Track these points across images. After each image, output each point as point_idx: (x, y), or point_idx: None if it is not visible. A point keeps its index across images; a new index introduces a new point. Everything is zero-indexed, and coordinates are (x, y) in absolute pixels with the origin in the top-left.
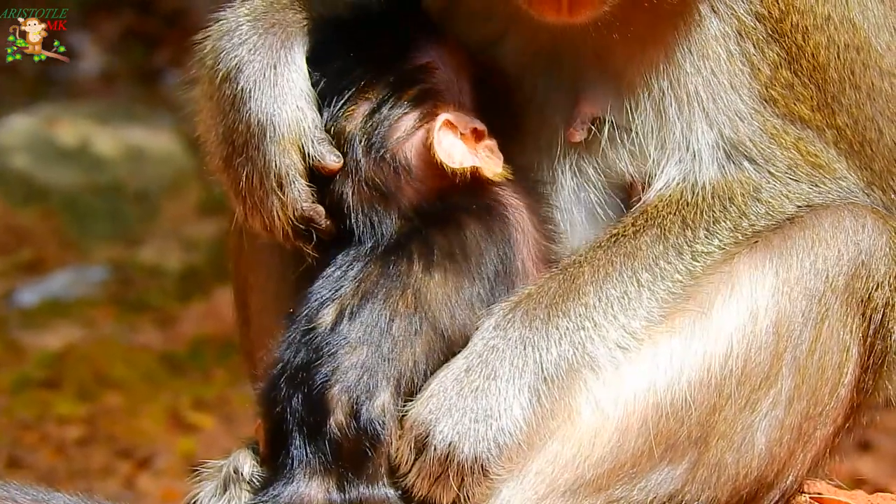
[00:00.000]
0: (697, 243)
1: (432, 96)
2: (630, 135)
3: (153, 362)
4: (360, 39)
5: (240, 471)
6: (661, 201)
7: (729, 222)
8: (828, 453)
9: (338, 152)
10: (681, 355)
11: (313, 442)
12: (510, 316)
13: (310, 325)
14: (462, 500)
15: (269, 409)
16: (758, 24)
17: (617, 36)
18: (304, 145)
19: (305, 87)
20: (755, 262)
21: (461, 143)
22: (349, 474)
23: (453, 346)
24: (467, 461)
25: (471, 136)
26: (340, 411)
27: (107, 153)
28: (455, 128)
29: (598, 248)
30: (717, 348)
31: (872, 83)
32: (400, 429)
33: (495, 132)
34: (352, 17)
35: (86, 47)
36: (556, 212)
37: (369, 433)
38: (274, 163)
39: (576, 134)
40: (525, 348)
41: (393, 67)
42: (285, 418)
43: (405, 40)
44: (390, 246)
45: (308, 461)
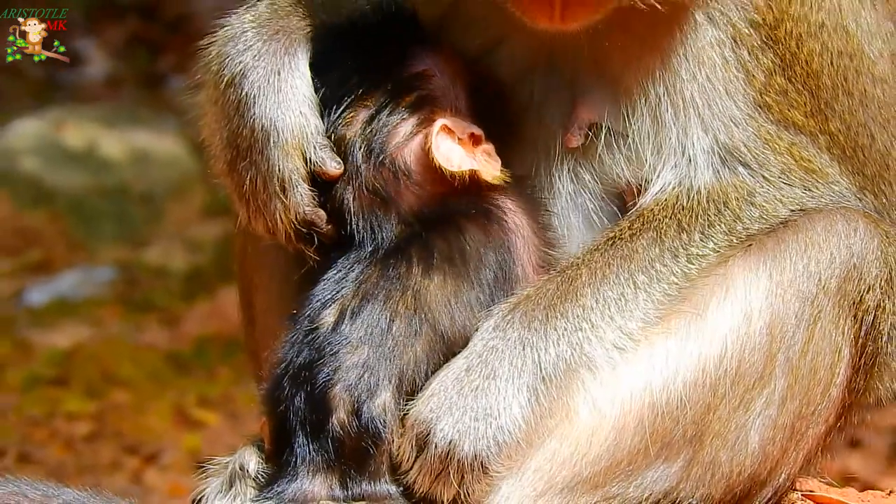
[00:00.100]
0: (693, 246)
1: (429, 102)
2: (627, 140)
3: (159, 361)
4: (359, 49)
5: (245, 467)
6: (657, 205)
7: (723, 226)
8: (820, 452)
9: (338, 158)
10: (676, 356)
11: (316, 440)
12: (509, 317)
13: (312, 326)
14: (462, 496)
15: (272, 408)
16: (752, 32)
17: (613, 43)
18: (306, 150)
19: (308, 93)
20: (749, 265)
21: (459, 147)
22: (352, 471)
23: (453, 346)
24: (467, 458)
25: (468, 140)
26: (342, 410)
27: (113, 156)
28: (452, 132)
29: (596, 250)
30: (711, 349)
31: (865, 90)
32: (401, 427)
33: (492, 138)
34: (351, 27)
35: (92, 53)
36: (554, 217)
37: (371, 431)
38: (277, 167)
39: (573, 140)
40: (524, 349)
41: (391, 75)
42: (289, 417)
43: (402, 49)
44: (390, 249)
45: (311, 458)
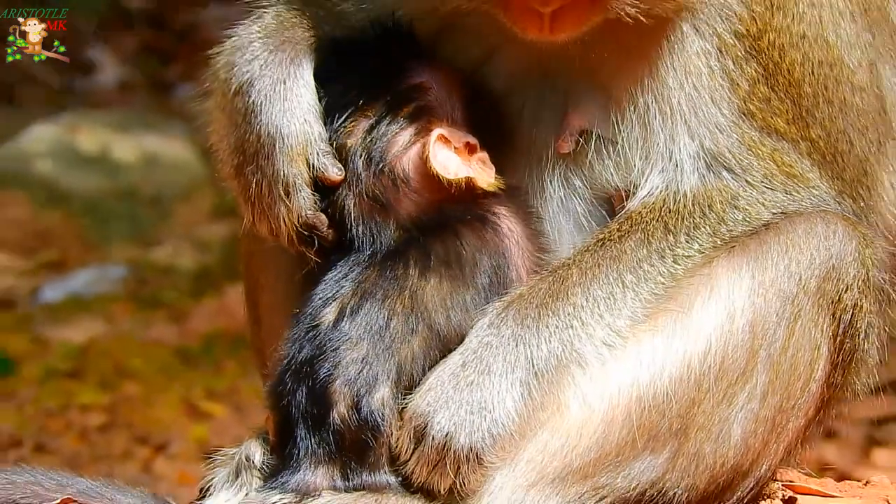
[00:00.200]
0: (679, 247)
1: (426, 113)
2: (616, 146)
3: (168, 355)
4: (360, 61)
5: (251, 458)
6: (644, 208)
7: (708, 228)
8: (799, 443)
9: (340, 165)
10: (663, 352)
11: (318, 433)
12: (503, 315)
13: (313, 323)
14: (458, 486)
15: (276, 402)
16: (737, 42)
17: (603, 53)
18: (309, 157)
19: (313, 101)
20: (733, 266)
21: (455, 155)
22: (352, 463)
23: (449, 343)
24: (463, 450)
25: (464, 149)
26: (343, 404)
27: (125, 160)
28: (449, 142)
29: (586, 251)
30: (696, 346)
31: (844, 98)
32: (400, 420)
33: (487, 147)
34: (352, 41)
35: (104, 60)
36: (545, 221)
37: (370, 424)
38: (282, 172)
39: (564, 146)
40: (517, 345)
41: (390, 87)
42: (291, 411)
43: (401, 62)
44: (389, 252)
45: (313, 451)
